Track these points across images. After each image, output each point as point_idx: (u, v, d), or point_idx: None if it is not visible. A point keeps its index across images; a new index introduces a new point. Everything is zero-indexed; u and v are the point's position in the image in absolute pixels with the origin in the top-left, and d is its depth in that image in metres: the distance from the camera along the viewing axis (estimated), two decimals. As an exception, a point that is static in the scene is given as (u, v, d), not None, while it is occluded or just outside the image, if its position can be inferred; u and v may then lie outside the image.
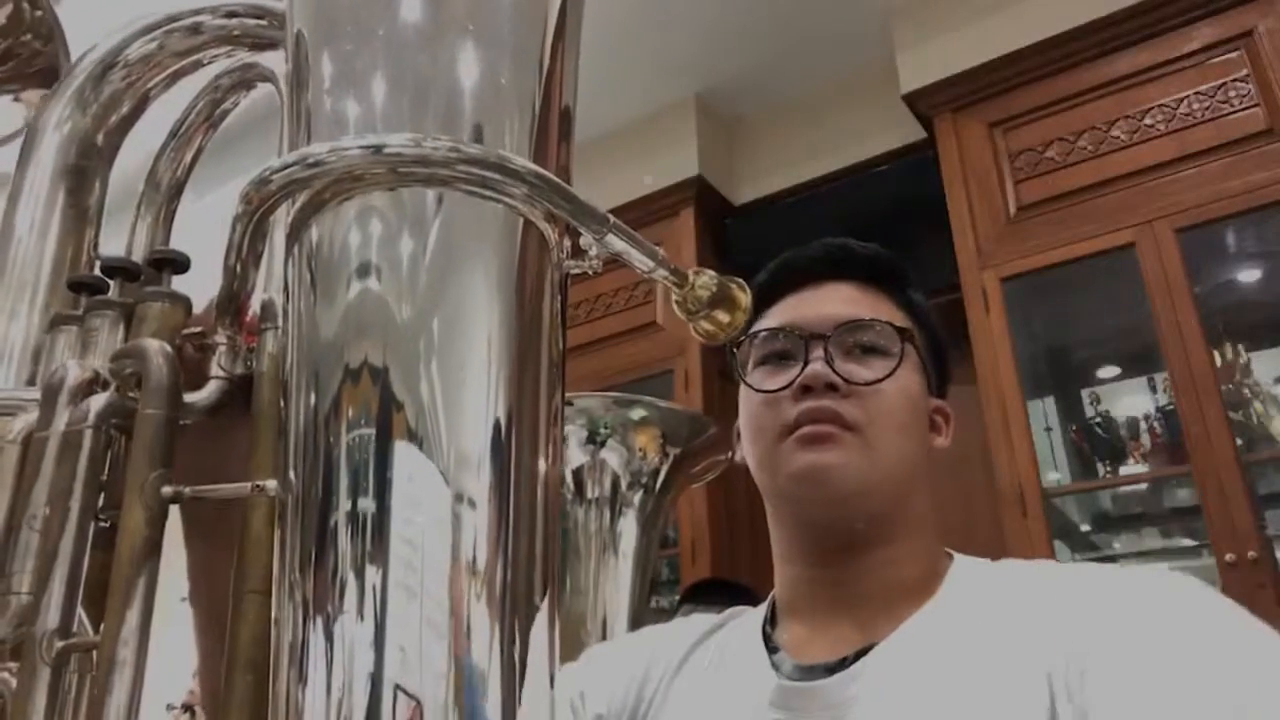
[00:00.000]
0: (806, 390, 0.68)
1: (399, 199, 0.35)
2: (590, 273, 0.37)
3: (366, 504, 0.32)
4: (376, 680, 0.31)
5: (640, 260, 0.36)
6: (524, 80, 0.37)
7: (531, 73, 0.37)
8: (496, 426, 0.34)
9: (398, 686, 0.31)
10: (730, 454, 1.31)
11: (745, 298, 0.40)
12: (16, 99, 0.76)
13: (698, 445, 1.30)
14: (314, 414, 0.34)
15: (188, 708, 2.82)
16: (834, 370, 0.68)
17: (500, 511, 0.33)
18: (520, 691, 0.33)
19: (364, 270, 0.35)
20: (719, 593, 2.09)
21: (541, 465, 0.35)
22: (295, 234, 0.35)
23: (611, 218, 0.35)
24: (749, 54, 3.10)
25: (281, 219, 0.36)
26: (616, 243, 0.35)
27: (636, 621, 1.24)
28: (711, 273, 0.39)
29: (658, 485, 1.29)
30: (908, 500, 0.69)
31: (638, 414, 1.29)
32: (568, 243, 0.38)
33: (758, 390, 0.71)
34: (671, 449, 1.28)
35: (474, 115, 0.36)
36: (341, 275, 0.35)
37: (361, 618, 0.32)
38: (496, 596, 0.33)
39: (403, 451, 0.33)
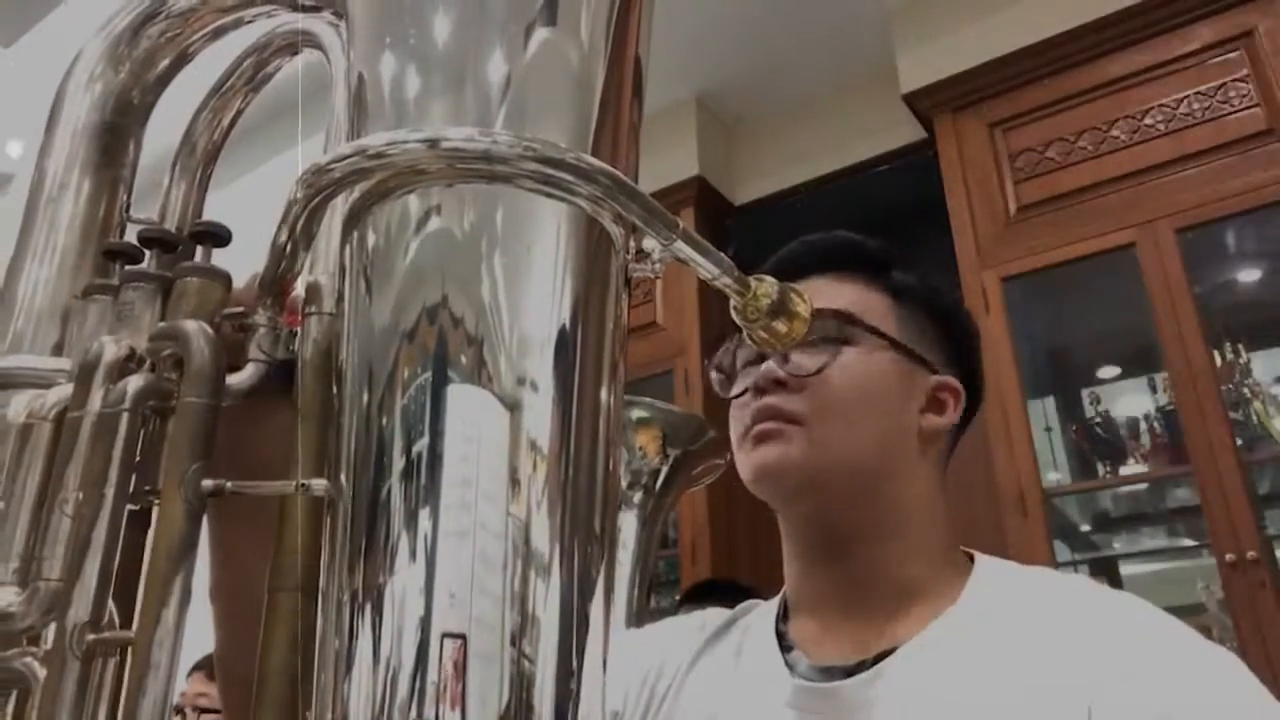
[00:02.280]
0: (762, 391, 0.68)
1: (461, 192, 0.34)
2: (653, 276, 0.36)
3: (419, 462, 0.32)
4: (425, 631, 0.30)
5: (706, 267, 0.36)
6: (593, 57, 0.36)
7: (601, 46, 0.36)
8: (561, 421, 0.33)
9: (445, 633, 0.30)
10: (729, 457, 1.31)
11: (805, 307, 0.40)
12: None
13: (698, 448, 1.30)
14: (368, 405, 0.33)
15: (178, 710, 2.80)
16: (784, 367, 0.68)
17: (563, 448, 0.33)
18: (581, 599, 0.32)
19: (423, 262, 0.34)
20: (720, 594, 2.08)
21: (603, 455, 0.35)
22: (352, 224, 0.35)
23: (681, 223, 0.34)
24: (749, 54, 3.10)
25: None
26: (684, 249, 0.34)
27: (635, 620, 1.24)
28: (773, 280, 0.39)
29: (658, 485, 1.29)
30: (884, 489, 0.68)
31: (638, 414, 1.29)
32: (632, 243, 0.37)
33: (726, 398, 0.73)
34: (672, 450, 1.28)
35: (539, 101, 0.35)
36: (399, 271, 0.34)
37: (412, 573, 0.31)
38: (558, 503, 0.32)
39: (456, 404, 0.32)
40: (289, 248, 0.34)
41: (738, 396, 0.71)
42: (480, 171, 0.33)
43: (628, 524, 1.28)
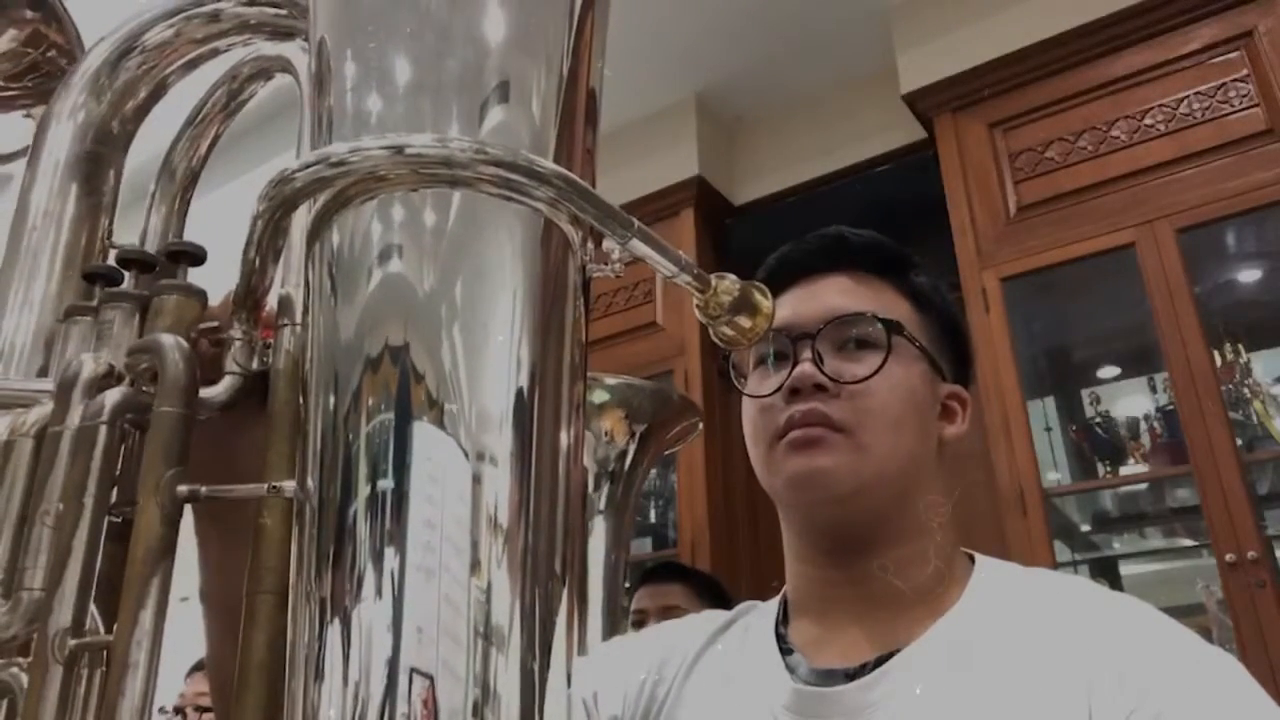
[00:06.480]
0: (796, 392, 0.67)
1: (421, 198, 0.35)
2: (613, 276, 0.37)
3: (386, 489, 0.32)
4: (394, 663, 0.31)
5: (664, 265, 0.36)
6: (550, 72, 0.37)
7: (556, 64, 0.37)
8: (518, 424, 0.34)
9: (413, 669, 0.31)
10: (699, 420, 1.28)
11: (768, 303, 0.40)
12: (28, 115, 0.75)
13: (665, 418, 1.26)
14: (334, 412, 0.34)
15: (179, 710, 2.81)
16: (822, 370, 0.67)
17: (522, 483, 0.33)
18: (541, 660, 0.33)
19: (385, 270, 0.35)
20: (676, 577, 2.08)
21: (564, 440, 0.35)
22: (316, 233, 0.35)
23: (636, 222, 0.35)
24: (749, 54, 3.10)
25: (299, 215, 0.36)
26: (641, 247, 0.35)
27: (611, 619, 1.21)
28: (734, 278, 0.39)
29: (625, 467, 1.24)
30: (911, 497, 0.68)
31: (598, 397, 1.23)
32: (590, 245, 0.37)
33: (750, 396, 0.71)
34: (637, 426, 1.23)
35: (498, 110, 0.36)
36: (362, 275, 0.35)
37: (379, 602, 0.32)
38: (518, 568, 0.33)
39: (421, 440, 0.33)
40: (257, 261, 0.35)
41: (766, 397, 0.69)
42: (441, 176, 0.33)
43: (598, 522, 1.21)
